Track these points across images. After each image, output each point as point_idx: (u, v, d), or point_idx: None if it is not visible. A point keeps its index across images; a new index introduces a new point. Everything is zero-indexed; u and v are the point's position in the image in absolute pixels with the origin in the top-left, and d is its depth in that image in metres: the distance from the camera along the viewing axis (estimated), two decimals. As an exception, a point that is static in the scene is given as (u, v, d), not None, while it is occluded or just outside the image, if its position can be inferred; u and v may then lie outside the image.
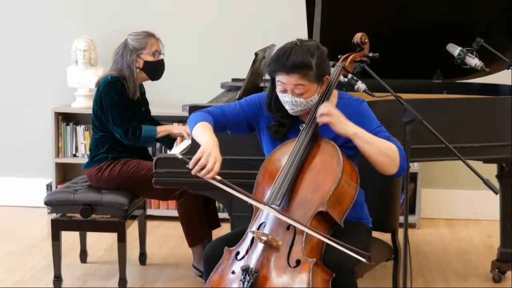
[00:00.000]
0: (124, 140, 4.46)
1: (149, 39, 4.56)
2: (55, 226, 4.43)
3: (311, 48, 3.14)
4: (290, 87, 3.14)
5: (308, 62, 3.11)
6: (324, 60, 3.18)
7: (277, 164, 3.18)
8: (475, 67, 4.04)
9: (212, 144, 3.08)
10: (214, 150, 3.06)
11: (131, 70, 4.50)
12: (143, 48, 4.53)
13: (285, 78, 3.13)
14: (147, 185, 4.23)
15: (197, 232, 4.48)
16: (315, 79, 3.14)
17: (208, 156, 3.02)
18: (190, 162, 3.03)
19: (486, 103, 4.17)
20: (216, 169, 3.02)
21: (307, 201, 3.05)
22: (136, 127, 4.47)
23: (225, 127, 3.36)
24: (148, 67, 4.56)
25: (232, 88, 4.91)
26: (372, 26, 3.80)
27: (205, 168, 3.01)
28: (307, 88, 3.14)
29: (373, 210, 3.44)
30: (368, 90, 3.30)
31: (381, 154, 3.11)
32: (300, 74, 3.10)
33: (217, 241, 3.25)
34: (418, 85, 4.65)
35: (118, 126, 4.45)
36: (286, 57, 3.11)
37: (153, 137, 4.57)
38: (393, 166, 3.14)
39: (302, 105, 3.17)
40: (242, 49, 5.78)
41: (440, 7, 4.43)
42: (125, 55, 4.52)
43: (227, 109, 3.36)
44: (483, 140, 4.07)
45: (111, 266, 4.87)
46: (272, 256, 2.98)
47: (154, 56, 4.56)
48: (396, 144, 3.16)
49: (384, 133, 3.20)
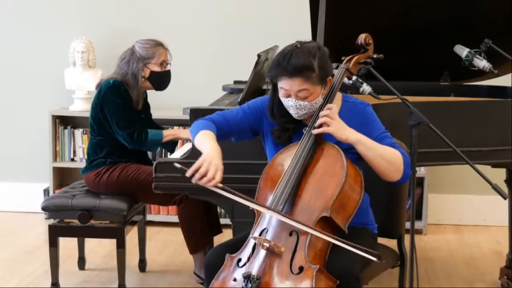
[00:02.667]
0: (129, 144, 4.44)
1: (157, 49, 4.53)
2: (52, 232, 4.44)
3: (312, 50, 3.14)
4: (294, 92, 3.13)
5: (310, 64, 3.10)
6: (326, 61, 3.18)
7: (279, 169, 3.17)
8: (483, 69, 4.04)
9: (214, 152, 3.08)
10: (216, 158, 3.06)
11: (136, 80, 4.47)
12: (151, 57, 4.51)
13: (288, 83, 3.13)
14: (146, 190, 4.23)
15: (198, 238, 4.48)
16: (319, 81, 3.14)
17: (209, 165, 3.02)
18: (188, 170, 3.03)
19: (494, 106, 4.17)
20: (217, 178, 3.02)
21: (310, 206, 3.05)
22: (141, 131, 4.46)
23: (228, 135, 3.36)
24: (154, 78, 4.53)
25: (234, 90, 4.91)
26: (377, 26, 3.81)
27: (206, 177, 3.01)
28: (311, 92, 3.14)
29: (378, 215, 3.44)
30: (374, 92, 3.30)
31: (384, 161, 3.11)
32: (303, 78, 3.10)
33: (219, 248, 3.25)
34: (425, 87, 4.65)
35: (123, 129, 4.43)
36: (287, 61, 3.11)
37: (159, 141, 4.55)
38: (397, 173, 3.14)
39: (306, 109, 3.18)
40: (244, 50, 5.79)
41: (447, 7, 4.44)
42: (131, 63, 4.48)
43: (229, 116, 3.35)
44: (492, 144, 4.07)
45: (110, 273, 4.88)
46: (274, 262, 2.97)
47: (162, 67, 4.54)
48: (401, 151, 3.16)
49: (389, 139, 3.20)
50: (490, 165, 4.33)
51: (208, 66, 6.10)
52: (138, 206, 4.63)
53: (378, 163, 3.12)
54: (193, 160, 3.73)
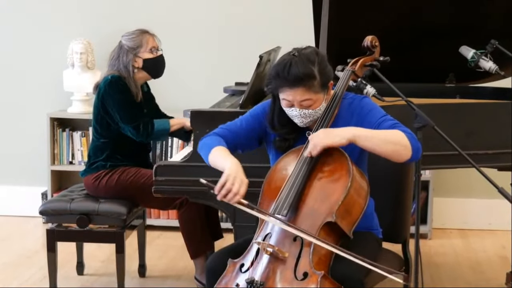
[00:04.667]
0: (136, 137, 4.44)
1: (143, 36, 4.53)
2: (50, 237, 4.43)
3: (310, 56, 3.12)
4: (297, 101, 3.12)
5: (311, 72, 3.09)
6: (326, 65, 3.16)
7: (283, 173, 3.17)
8: (489, 71, 4.04)
9: (236, 167, 3.07)
10: (240, 172, 3.06)
11: (128, 71, 4.47)
12: (139, 46, 4.51)
13: (290, 94, 3.11)
14: (146, 193, 4.23)
15: (199, 243, 4.47)
16: (320, 88, 3.13)
17: (234, 179, 3.02)
18: (215, 187, 3.02)
19: (501, 108, 4.16)
20: (242, 192, 3.02)
21: (315, 211, 3.04)
22: (147, 122, 4.46)
23: (235, 147, 3.34)
24: (148, 65, 4.54)
25: (236, 92, 4.90)
26: (381, 28, 3.81)
27: (231, 192, 3.01)
28: (314, 99, 3.13)
29: (382, 219, 3.44)
30: (378, 94, 3.30)
31: (388, 144, 3.06)
32: (305, 87, 3.09)
33: (220, 253, 3.25)
34: (430, 89, 4.66)
35: (127, 123, 4.42)
36: (287, 71, 3.09)
37: (166, 130, 4.54)
38: (406, 151, 3.07)
39: (311, 116, 3.17)
40: (246, 51, 5.79)
41: (453, 8, 4.44)
42: (121, 57, 4.49)
43: (234, 128, 3.34)
44: (498, 146, 4.07)
45: (109, 278, 4.87)
46: (278, 268, 2.98)
47: (153, 53, 4.55)
48: (402, 129, 3.10)
49: (390, 121, 3.16)
50: (496, 168, 4.33)
51: (209, 67, 6.10)
52: (138, 210, 4.63)
53: (383, 149, 3.07)
54: (194, 163, 3.77)
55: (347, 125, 3.16)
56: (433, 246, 5.64)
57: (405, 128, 3.13)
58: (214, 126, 3.41)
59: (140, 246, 4.95)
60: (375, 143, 3.07)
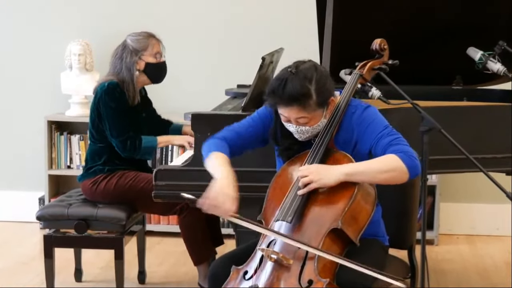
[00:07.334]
0: (122, 152, 4.45)
1: (150, 40, 4.55)
2: (48, 243, 4.43)
3: (307, 73, 3.11)
4: (293, 118, 3.14)
5: (306, 91, 3.08)
6: (325, 83, 3.14)
7: (289, 178, 3.17)
8: (497, 73, 4.04)
9: (223, 181, 3.07)
10: (225, 187, 3.05)
11: (131, 73, 4.48)
12: (144, 49, 4.52)
13: (286, 111, 3.13)
14: (146, 198, 4.22)
15: (201, 249, 4.47)
16: (317, 106, 3.13)
17: (218, 195, 3.03)
18: (199, 201, 3.03)
19: (509, 111, 4.16)
20: (232, 208, 3.02)
21: (321, 218, 3.04)
22: (135, 138, 4.47)
23: (243, 149, 3.36)
24: (150, 69, 4.54)
25: (238, 95, 4.90)
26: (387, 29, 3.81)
27: (220, 210, 3.02)
28: (310, 118, 3.14)
29: (388, 225, 3.43)
30: (383, 97, 3.30)
31: (382, 174, 3.07)
32: (300, 106, 3.09)
33: (223, 259, 3.25)
34: (436, 92, 4.65)
35: (115, 137, 4.44)
36: (282, 89, 3.09)
37: (153, 148, 4.56)
38: (401, 175, 3.07)
39: (309, 132, 3.19)
40: (248, 53, 5.78)
41: (460, 8, 4.44)
42: (124, 57, 4.50)
43: (241, 130, 3.35)
44: (506, 150, 4.07)
45: (108, 285, 4.87)
46: (282, 275, 2.97)
47: (156, 58, 4.56)
48: (399, 148, 3.08)
49: (388, 137, 3.14)
50: (505, 173, 4.32)
51: (210, 69, 6.10)
52: (137, 216, 4.63)
53: (378, 179, 3.09)
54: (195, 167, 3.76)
55: (348, 138, 3.20)
56: (440, 252, 5.64)
57: (403, 145, 3.11)
58: (215, 129, 3.41)
59: (139, 252, 4.94)
60: (370, 176, 3.08)
